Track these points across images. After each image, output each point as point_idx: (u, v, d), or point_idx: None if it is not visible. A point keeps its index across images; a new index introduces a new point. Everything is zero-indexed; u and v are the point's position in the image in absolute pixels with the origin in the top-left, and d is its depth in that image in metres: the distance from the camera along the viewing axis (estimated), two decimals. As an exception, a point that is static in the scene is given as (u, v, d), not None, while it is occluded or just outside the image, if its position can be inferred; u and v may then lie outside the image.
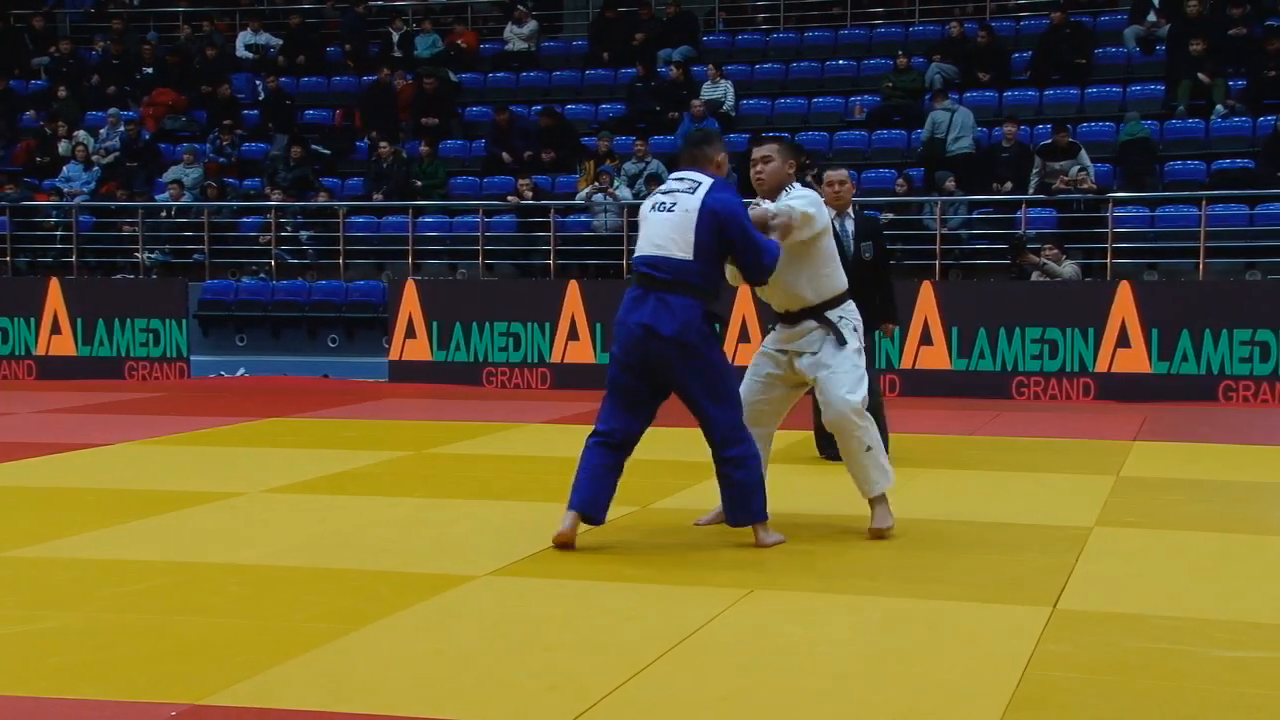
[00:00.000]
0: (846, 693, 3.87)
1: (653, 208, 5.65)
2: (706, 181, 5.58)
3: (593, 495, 5.64)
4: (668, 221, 5.54)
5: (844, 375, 5.84)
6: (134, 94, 18.81)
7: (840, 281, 5.98)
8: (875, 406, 8.10)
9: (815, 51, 18.14)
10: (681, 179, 5.64)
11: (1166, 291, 12.48)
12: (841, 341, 5.87)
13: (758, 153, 5.94)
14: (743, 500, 5.67)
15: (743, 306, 12.25)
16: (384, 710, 3.71)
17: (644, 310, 5.52)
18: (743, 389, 5.98)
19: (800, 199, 5.80)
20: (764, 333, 5.97)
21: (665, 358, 5.51)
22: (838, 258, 6.04)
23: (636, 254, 5.67)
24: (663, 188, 5.74)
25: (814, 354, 5.90)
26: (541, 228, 14.96)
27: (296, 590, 5.04)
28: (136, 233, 15.94)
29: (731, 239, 5.50)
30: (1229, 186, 13.73)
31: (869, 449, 5.88)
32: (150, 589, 5.08)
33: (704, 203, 5.49)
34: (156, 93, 18.49)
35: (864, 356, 5.98)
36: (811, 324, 5.90)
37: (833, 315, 5.91)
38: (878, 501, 5.98)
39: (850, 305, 6.00)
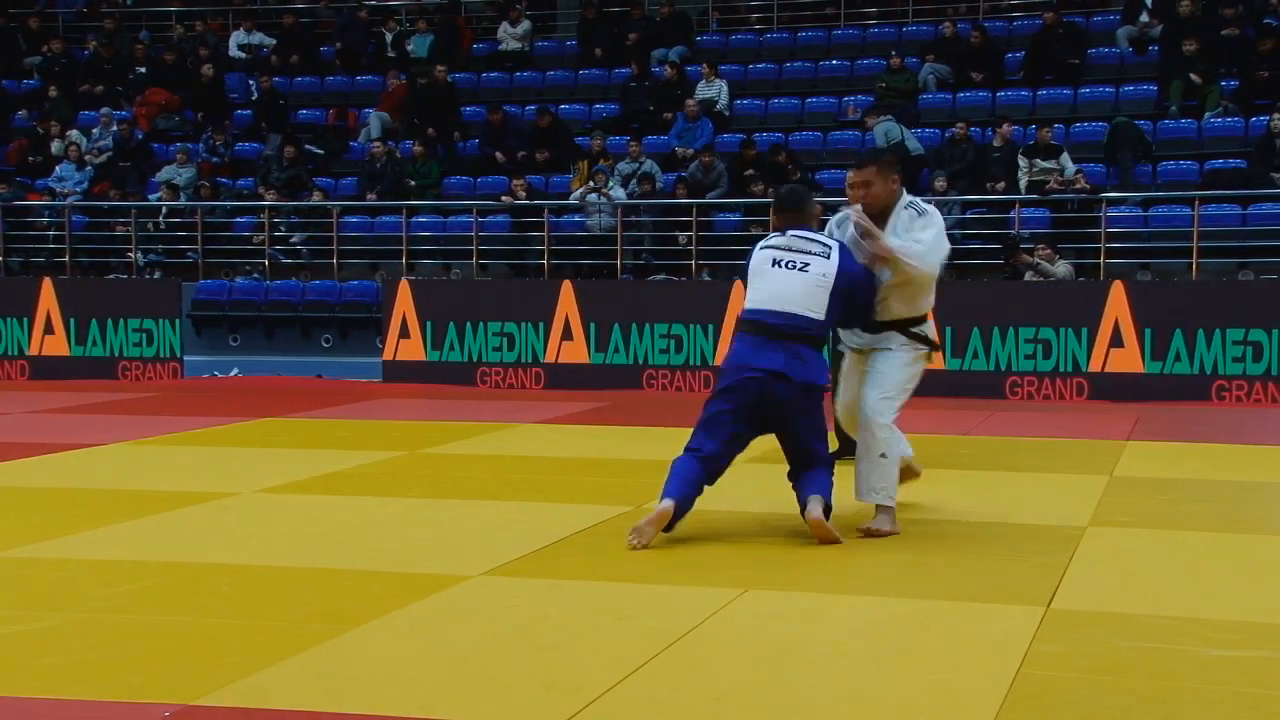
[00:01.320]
0: (841, 692, 3.87)
1: (774, 264, 5.85)
2: (835, 246, 5.88)
3: (686, 493, 5.83)
4: (799, 281, 5.79)
5: (888, 381, 5.95)
6: (127, 94, 18.79)
7: (928, 304, 6.09)
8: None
9: (809, 51, 18.15)
10: (807, 239, 5.88)
11: (1160, 291, 12.51)
12: (911, 352, 5.99)
13: (856, 177, 6.03)
14: (822, 482, 5.87)
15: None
16: (378, 711, 3.70)
17: (773, 358, 5.75)
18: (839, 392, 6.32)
19: (930, 249, 5.86)
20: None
21: (789, 400, 5.78)
22: (933, 284, 6.07)
23: (757, 306, 5.85)
24: (781, 243, 5.91)
25: (884, 351, 6.00)
26: (535, 228, 14.95)
27: (290, 590, 5.04)
28: (130, 233, 15.92)
29: (858, 296, 5.86)
30: (1221, 186, 13.76)
31: (883, 455, 5.93)
32: (143, 589, 5.08)
33: (840, 270, 5.80)
34: (149, 92, 18.46)
35: (916, 378, 6.04)
36: (893, 333, 6.02)
37: (916, 331, 6.03)
38: (881, 509, 6.00)
39: (929, 326, 6.11)
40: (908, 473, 6.40)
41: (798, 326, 5.76)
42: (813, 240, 5.90)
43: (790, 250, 5.86)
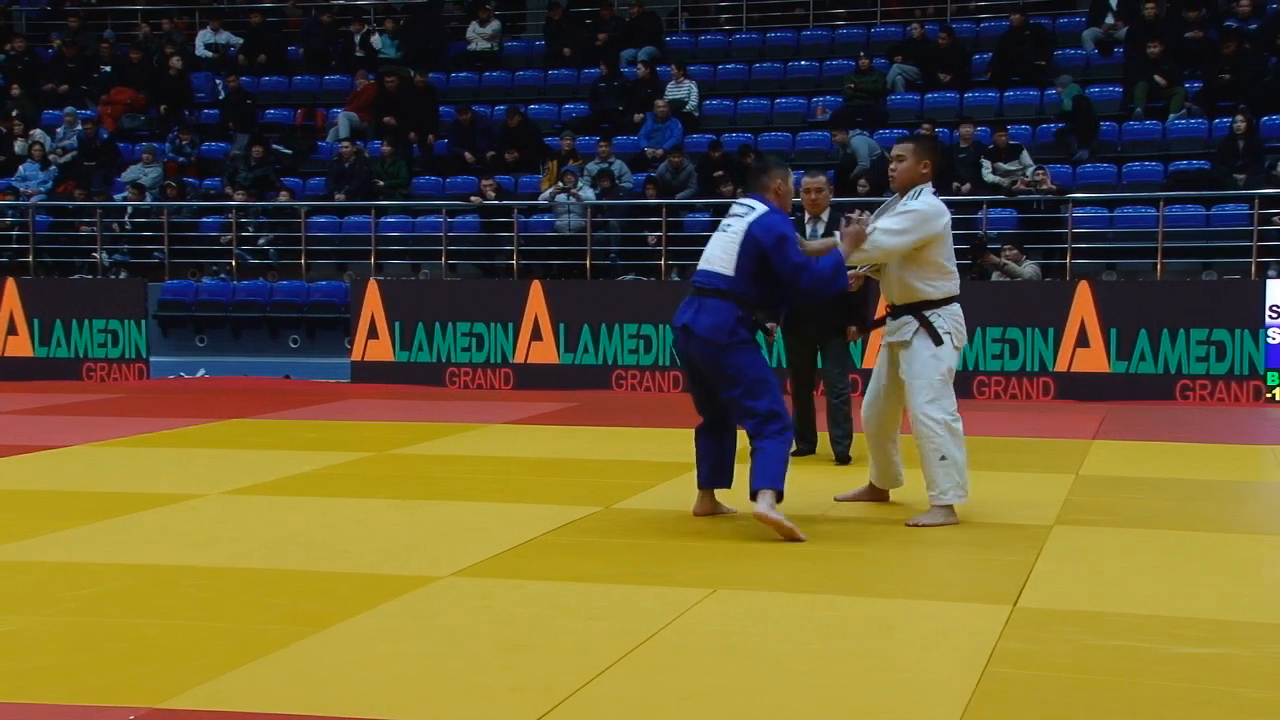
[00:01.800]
0: (808, 691, 3.89)
1: (719, 229, 6.18)
2: (760, 209, 6.06)
3: (708, 469, 6.27)
4: (719, 241, 6.11)
5: (922, 382, 6.08)
6: (91, 92, 18.65)
7: (947, 288, 6.16)
8: (840, 404, 8.19)
9: (778, 52, 18.20)
10: (742, 204, 6.18)
11: (1125, 291, 12.61)
12: (936, 341, 6.07)
13: (895, 149, 6.35)
14: (762, 466, 5.86)
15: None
16: (346, 713, 3.69)
17: (686, 313, 6.06)
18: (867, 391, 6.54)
19: (899, 218, 6.10)
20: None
21: (697, 353, 6.03)
22: (951, 266, 6.19)
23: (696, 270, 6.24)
24: (730, 211, 6.24)
25: (906, 347, 6.13)
26: (505, 228, 14.93)
27: (257, 592, 5.02)
28: (95, 232, 15.80)
29: (772, 261, 5.97)
30: (1186, 188, 13.88)
31: (943, 458, 6.05)
32: (110, 592, 5.04)
33: (748, 227, 6.00)
34: (114, 91, 18.32)
35: (951, 368, 6.13)
36: (908, 318, 6.17)
37: (931, 315, 6.12)
38: (940, 507, 6.12)
39: (953, 310, 6.16)
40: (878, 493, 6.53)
41: (709, 281, 6.03)
42: (744, 204, 6.15)
43: (729, 215, 6.21)
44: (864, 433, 6.59)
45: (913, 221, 6.09)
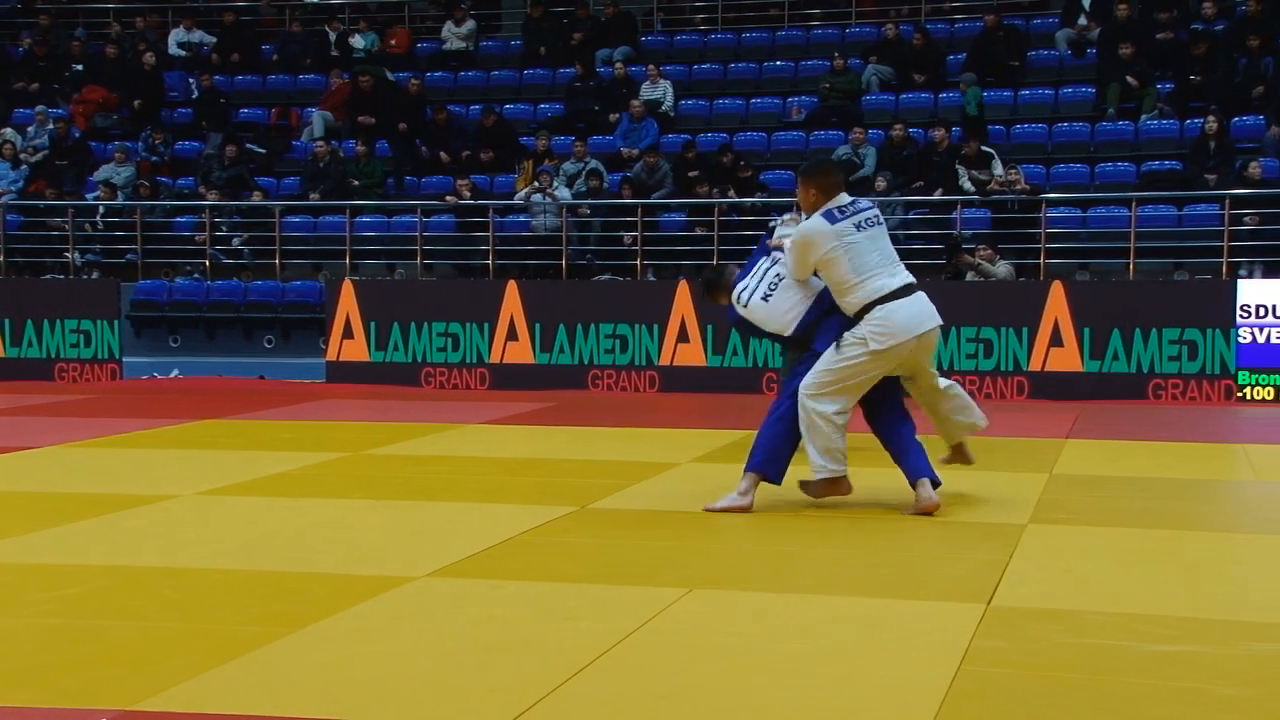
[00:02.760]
0: (784, 690, 3.90)
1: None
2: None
3: (922, 454, 6.56)
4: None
5: (814, 375, 6.34)
6: (63, 91, 18.52)
7: (859, 299, 6.29)
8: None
9: (753, 52, 18.23)
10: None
11: (1098, 291, 12.68)
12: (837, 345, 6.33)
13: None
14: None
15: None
16: (321, 714, 3.68)
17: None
18: None
19: (786, 251, 6.48)
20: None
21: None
22: (858, 278, 6.30)
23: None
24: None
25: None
26: (480, 228, 14.91)
27: (231, 593, 4.99)
28: (67, 232, 15.69)
29: None
30: (1158, 188, 13.97)
31: (809, 431, 6.33)
32: (83, 593, 5.01)
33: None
34: (86, 90, 18.19)
35: (849, 366, 6.31)
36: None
37: (848, 330, 6.36)
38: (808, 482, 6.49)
39: (874, 316, 6.27)
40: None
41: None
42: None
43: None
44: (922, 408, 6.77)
45: (793, 256, 6.41)
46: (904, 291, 6.33)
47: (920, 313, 6.38)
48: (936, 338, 6.53)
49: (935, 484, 6.39)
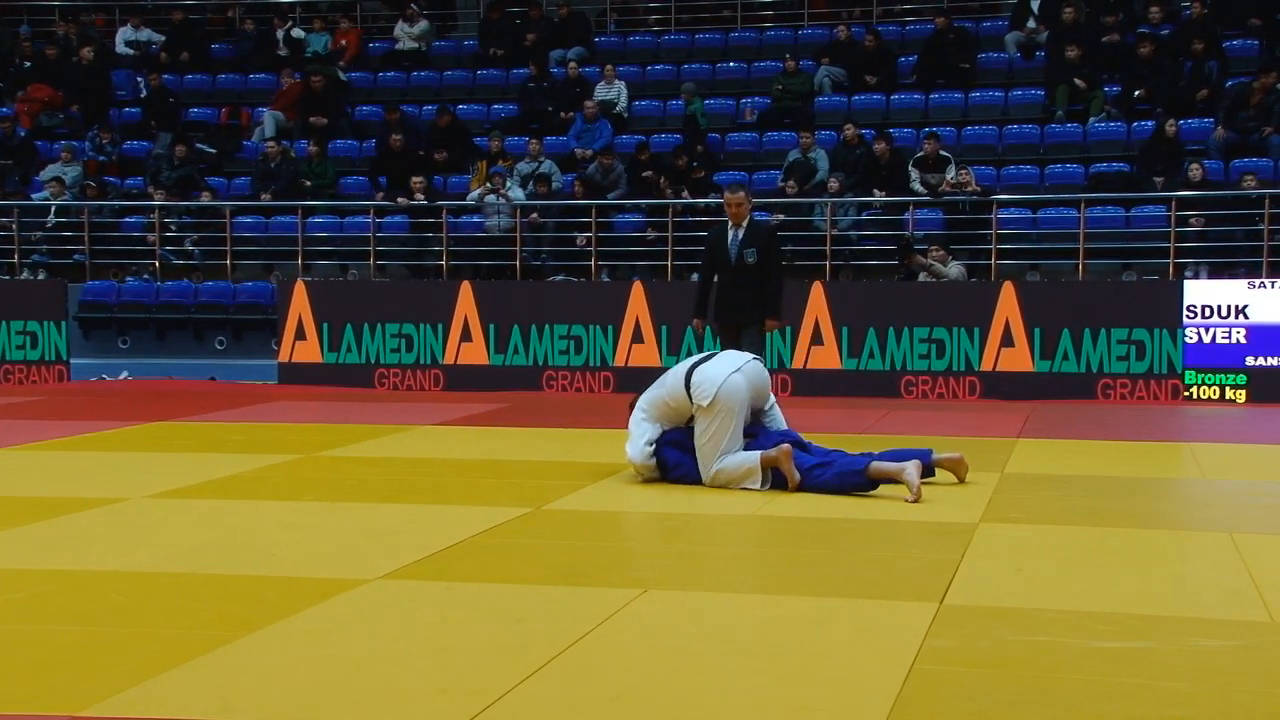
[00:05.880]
0: (737, 691, 3.91)
1: None
2: None
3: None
4: None
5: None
6: (7, 89, 18.26)
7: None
8: None
9: (706, 53, 18.27)
10: None
11: (1048, 292, 12.81)
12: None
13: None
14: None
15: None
16: (273, 719, 3.65)
17: None
18: None
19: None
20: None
21: None
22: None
23: None
24: None
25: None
26: (434, 228, 14.85)
27: (181, 597, 4.94)
28: (12, 233, 15.48)
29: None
30: (1106, 190, 14.12)
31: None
32: (29, 597, 4.94)
33: None
34: (32, 88, 17.96)
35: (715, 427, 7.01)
36: None
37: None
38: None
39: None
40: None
41: None
42: None
43: None
44: None
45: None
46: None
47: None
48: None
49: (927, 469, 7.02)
